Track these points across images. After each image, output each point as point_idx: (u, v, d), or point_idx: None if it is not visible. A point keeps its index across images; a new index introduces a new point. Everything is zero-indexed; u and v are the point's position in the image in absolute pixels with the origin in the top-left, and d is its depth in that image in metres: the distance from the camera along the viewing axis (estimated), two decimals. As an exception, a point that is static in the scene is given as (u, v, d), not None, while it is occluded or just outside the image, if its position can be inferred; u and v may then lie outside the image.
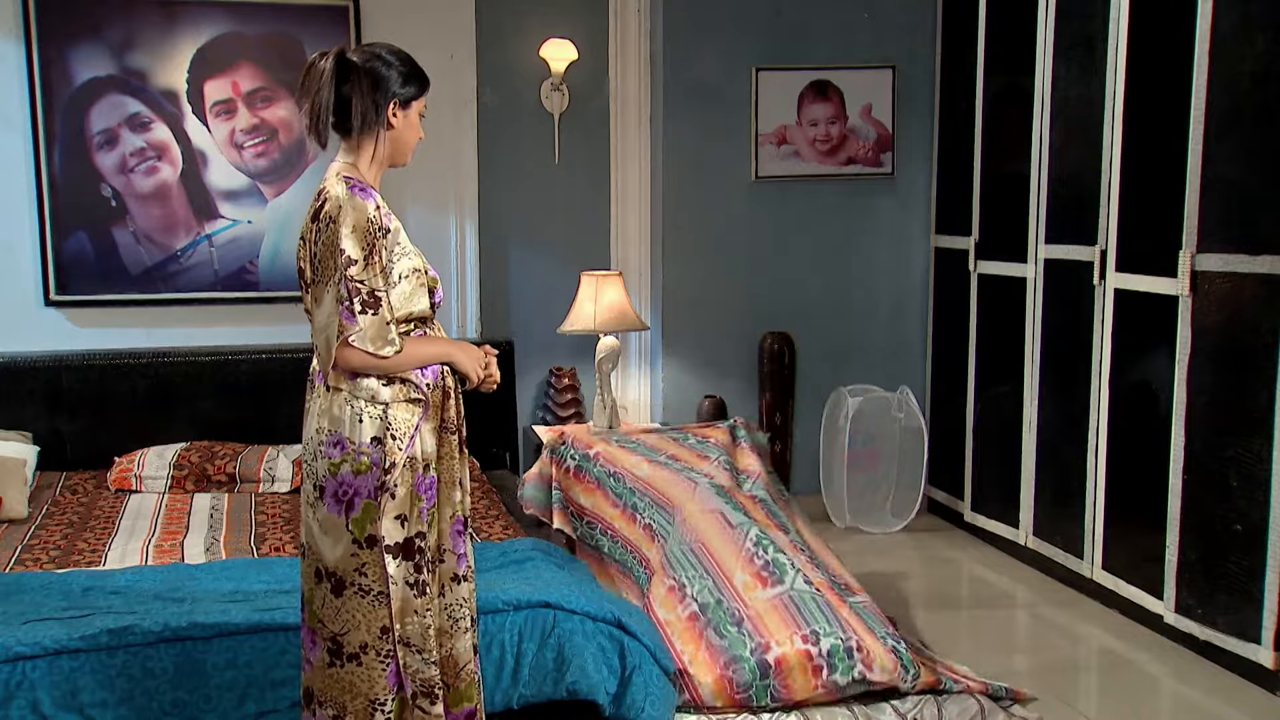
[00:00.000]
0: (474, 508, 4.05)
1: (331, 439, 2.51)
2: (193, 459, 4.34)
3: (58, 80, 4.64)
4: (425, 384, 2.58)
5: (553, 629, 3.01)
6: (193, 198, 4.82)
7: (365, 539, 2.50)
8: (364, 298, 2.45)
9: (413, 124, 2.65)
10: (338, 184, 2.50)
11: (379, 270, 2.47)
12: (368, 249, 2.46)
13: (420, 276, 2.61)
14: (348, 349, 2.46)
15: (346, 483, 2.50)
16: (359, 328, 2.44)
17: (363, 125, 2.55)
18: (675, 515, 3.80)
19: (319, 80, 2.52)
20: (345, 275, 2.44)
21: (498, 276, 5.19)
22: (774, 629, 3.36)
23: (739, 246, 5.25)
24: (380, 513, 2.50)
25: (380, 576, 2.51)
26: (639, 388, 5.35)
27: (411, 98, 2.62)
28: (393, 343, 2.48)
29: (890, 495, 5.32)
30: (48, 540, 3.73)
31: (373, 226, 2.48)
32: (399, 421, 2.52)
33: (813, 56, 5.20)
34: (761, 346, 5.24)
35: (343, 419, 2.51)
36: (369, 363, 2.48)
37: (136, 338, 4.79)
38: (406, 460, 2.52)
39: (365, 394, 2.51)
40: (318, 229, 2.49)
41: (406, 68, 2.62)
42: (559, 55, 5.05)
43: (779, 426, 5.25)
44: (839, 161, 5.27)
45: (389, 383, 2.53)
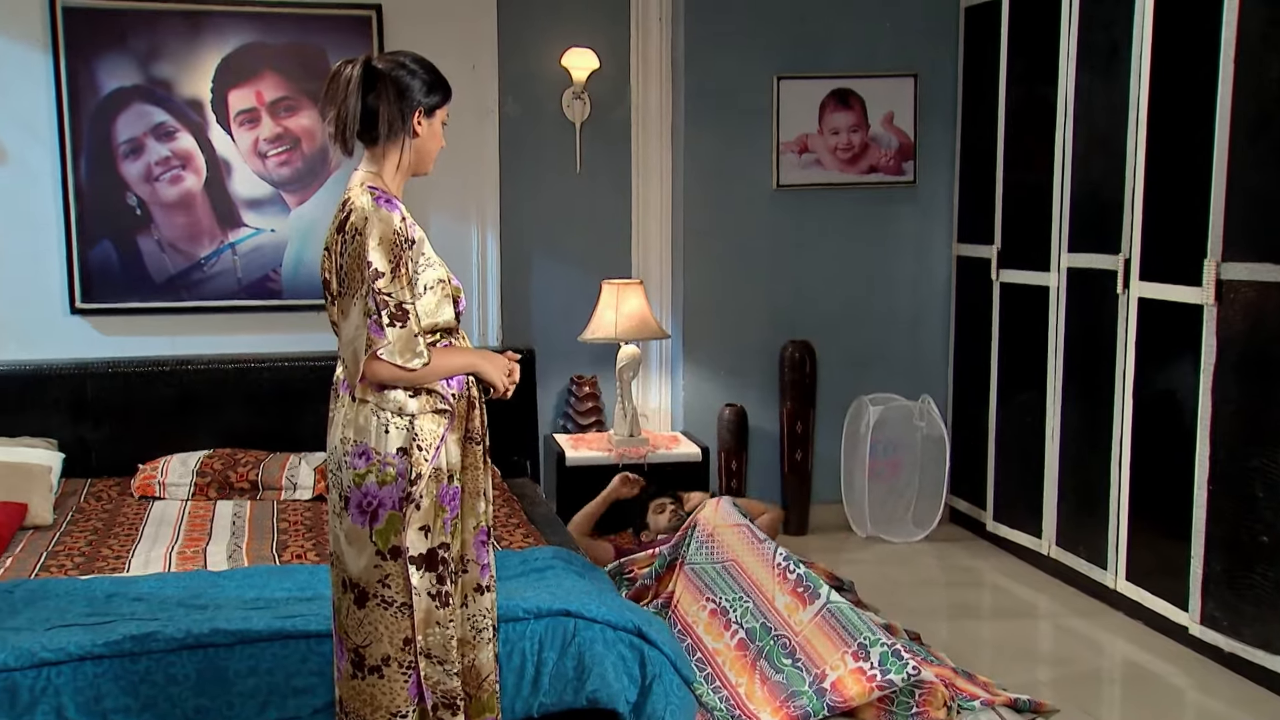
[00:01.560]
0: (495, 516, 4.03)
1: (357, 449, 2.51)
2: (215, 466, 4.36)
3: (85, 90, 4.67)
4: (451, 395, 2.58)
5: (573, 637, 3.01)
6: (216, 206, 4.84)
7: (389, 550, 2.50)
8: (392, 310, 2.45)
9: (436, 133, 2.65)
10: (362, 194, 2.50)
11: (406, 282, 2.47)
12: (394, 261, 2.46)
13: (445, 287, 2.61)
14: (376, 362, 2.46)
15: (371, 494, 2.50)
16: (387, 341, 2.44)
17: (388, 134, 2.55)
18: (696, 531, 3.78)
19: (345, 88, 2.52)
20: (373, 288, 2.43)
21: (519, 285, 5.20)
22: (825, 653, 3.37)
23: (760, 255, 5.24)
24: (405, 524, 2.50)
25: (404, 588, 2.51)
26: (660, 396, 5.34)
27: (435, 106, 2.63)
28: (420, 354, 2.48)
29: (912, 505, 5.29)
30: (72, 546, 3.75)
31: (399, 238, 2.48)
32: (425, 432, 2.52)
33: (834, 65, 5.19)
34: (783, 355, 5.23)
35: (369, 430, 2.50)
36: (397, 375, 2.48)
37: (160, 346, 4.80)
38: (431, 471, 2.52)
39: (392, 405, 2.51)
40: (343, 240, 2.49)
41: (431, 76, 2.62)
42: (580, 64, 5.06)
43: (800, 435, 5.23)
44: (861, 170, 5.26)
45: (416, 394, 2.53)
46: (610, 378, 5.04)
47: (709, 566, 3.70)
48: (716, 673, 3.50)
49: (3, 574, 3.50)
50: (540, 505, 4.39)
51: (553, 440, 4.97)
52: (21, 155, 4.65)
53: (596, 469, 4.74)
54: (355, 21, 4.89)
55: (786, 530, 5.24)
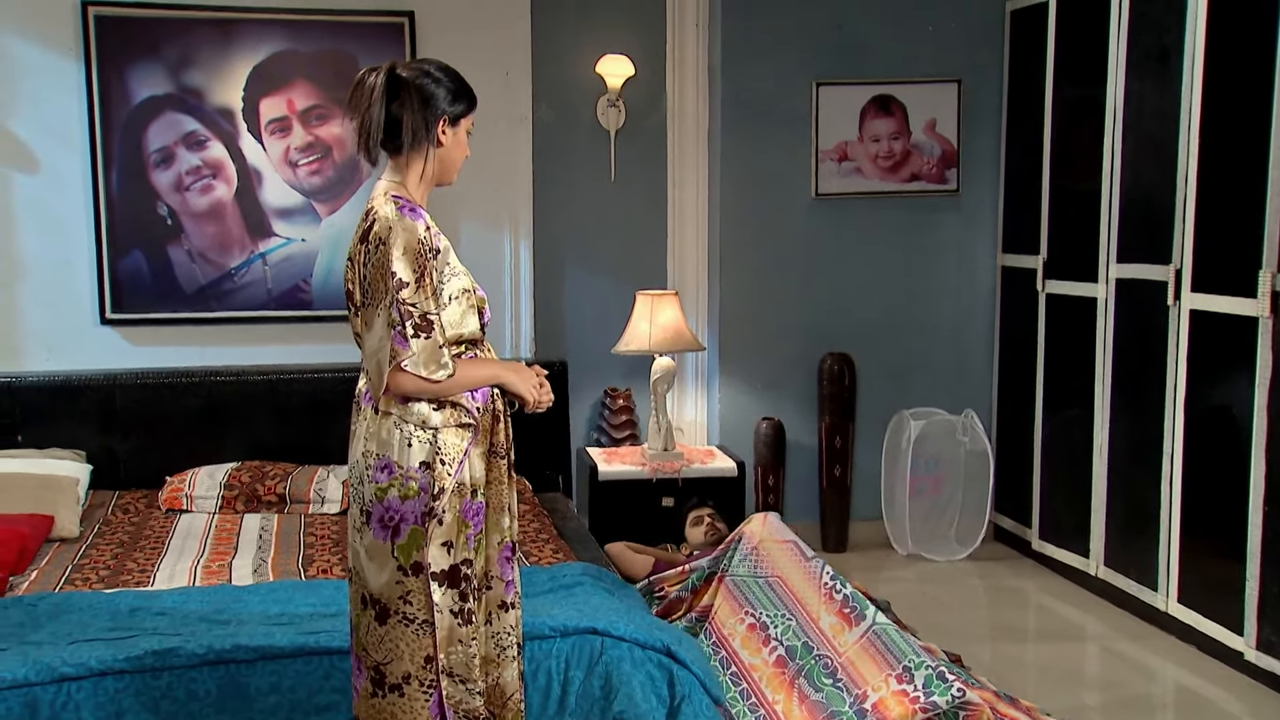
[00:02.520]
0: (524, 531, 4.04)
1: (379, 463, 2.51)
2: (243, 479, 4.37)
3: (116, 99, 4.71)
4: (475, 408, 2.57)
5: (600, 656, 2.98)
6: (247, 216, 4.87)
7: (411, 566, 2.49)
8: (416, 321, 2.44)
9: (461, 142, 2.65)
10: (386, 204, 2.50)
11: (430, 292, 2.47)
12: (419, 271, 2.46)
13: (470, 297, 2.60)
14: (400, 374, 2.45)
15: (393, 508, 2.49)
16: (412, 352, 2.44)
17: (412, 143, 2.55)
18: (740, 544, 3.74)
19: (369, 96, 2.52)
20: (397, 298, 2.43)
21: (552, 296, 5.19)
22: (869, 675, 3.34)
23: (799, 265, 5.21)
24: (427, 539, 2.49)
25: (425, 605, 2.50)
26: (695, 409, 5.32)
27: (460, 115, 2.62)
28: (445, 366, 2.47)
29: (955, 522, 5.24)
30: (98, 560, 3.77)
31: (423, 247, 2.47)
32: (448, 446, 2.51)
33: (875, 70, 5.16)
34: (821, 367, 5.19)
35: (391, 443, 2.50)
36: (422, 387, 2.48)
37: (190, 356, 4.82)
38: (455, 486, 2.51)
39: (415, 418, 2.50)
40: (366, 251, 2.49)
41: (456, 85, 2.61)
42: (615, 71, 5.05)
43: (839, 450, 5.19)
44: (902, 178, 5.21)
45: (440, 407, 2.52)
46: (645, 390, 5.02)
47: (751, 580, 3.67)
48: (752, 688, 3.46)
49: (28, 586, 3.52)
50: (571, 520, 4.38)
51: (585, 454, 4.95)
52: (53, 164, 4.70)
53: (630, 484, 4.73)
54: (387, 28, 4.91)
55: (825, 548, 5.21)
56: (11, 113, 4.64)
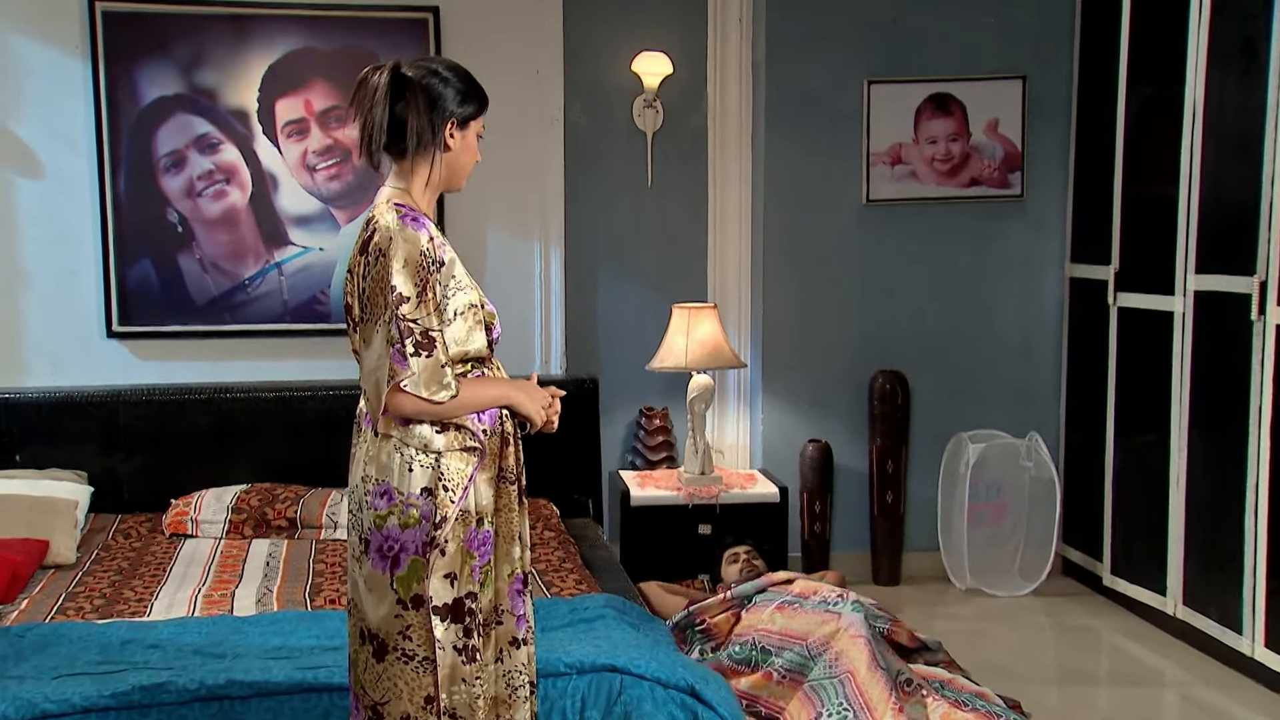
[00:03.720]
0: (548, 559, 4.00)
1: (379, 489, 2.48)
2: (252, 502, 4.33)
3: (124, 100, 4.70)
4: (482, 430, 2.53)
5: (619, 695, 2.92)
6: (262, 223, 4.83)
7: (411, 599, 2.45)
8: (417, 338, 2.41)
9: (470, 146, 2.62)
10: (388, 212, 2.48)
11: (433, 308, 2.44)
12: (420, 285, 2.42)
13: (477, 312, 2.57)
14: (399, 394, 2.42)
15: (393, 537, 2.46)
16: (411, 372, 2.41)
17: (418, 146, 2.53)
18: (821, 651, 3.71)
19: (372, 96, 2.50)
20: (396, 314, 2.40)
21: (585, 308, 5.15)
22: None
23: (848, 276, 5.15)
24: (428, 571, 2.45)
25: (426, 641, 2.45)
26: (737, 430, 5.26)
27: (469, 117, 2.60)
28: (448, 386, 2.44)
29: (1018, 554, 5.16)
30: (94, 588, 3.73)
31: (426, 260, 2.44)
32: (452, 471, 2.48)
33: (932, 67, 5.09)
34: (872, 386, 5.12)
35: (391, 467, 2.47)
36: (422, 409, 2.44)
37: (201, 371, 4.80)
38: (459, 514, 2.48)
39: (417, 442, 2.47)
40: (366, 263, 2.47)
41: (465, 84, 2.59)
42: (652, 69, 5.01)
43: (891, 475, 5.12)
44: (961, 182, 5.13)
45: (443, 430, 2.49)
46: (682, 410, 4.95)
47: (823, 675, 3.64)
48: None
49: (17, 616, 3.48)
50: (600, 548, 4.33)
51: (618, 478, 4.90)
52: (58, 169, 4.70)
53: (664, 510, 4.67)
54: (411, 24, 4.88)
55: (876, 580, 5.14)
56: (15, 114, 4.65)
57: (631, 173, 5.14)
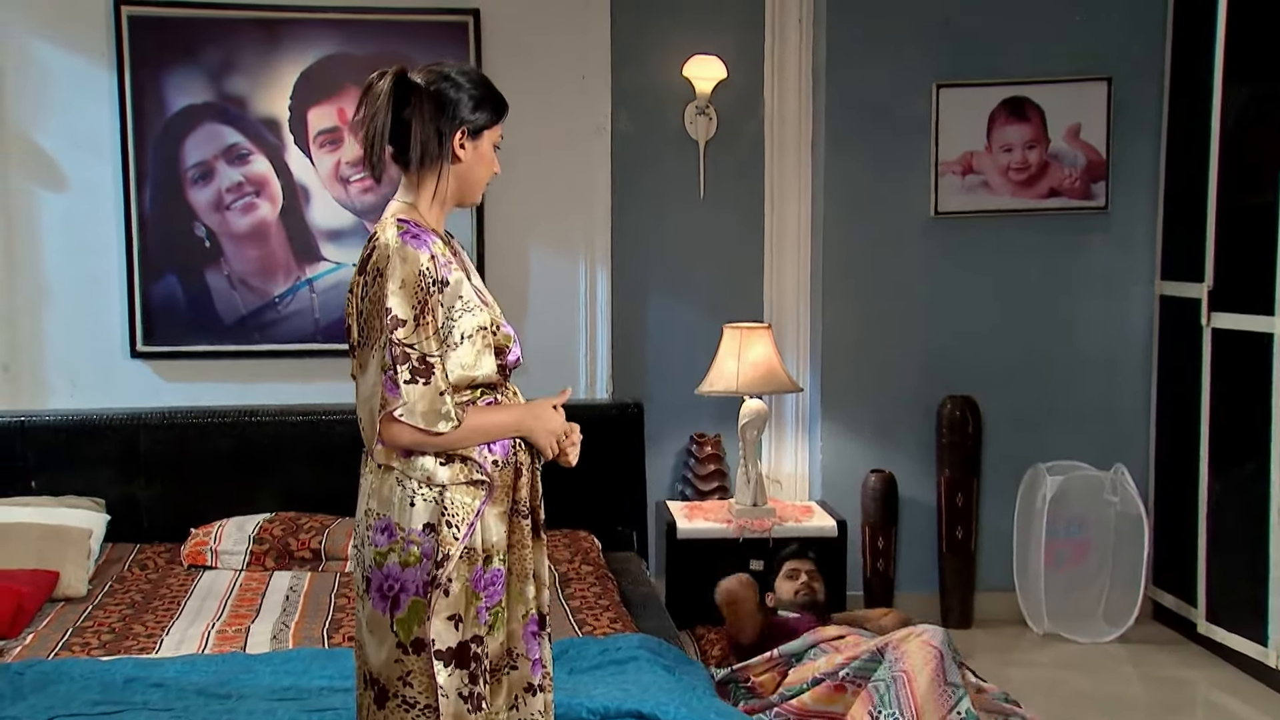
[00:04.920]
0: (583, 596, 3.97)
1: (380, 524, 2.46)
2: (275, 532, 4.32)
3: (150, 108, 4.73)
4: (492, 462, 2.50)
5: (644, 744, 2.86)
6: (293, 238, 4.84)
7: (411, 643, 2.42)
8: (413, 364, 2.38)
9: (484, 157, 2.58)
10: (389, 229, 2.45)
11: (431, 332, 2.41)
12: (418, 307, 2.40)
13: (486, 335, 2.53)
14: (394, 424, 2.40)
15: (393, 576, 2.43)
16: (404, 401, 2.38)
17: (423, 157, 2.50)
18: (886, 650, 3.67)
19: (375, 103, 2.47)
20: (390, 338, 2.38)
21: (633, 329, 5.12)
22: None
23: (915, 294, 5.09)
24: (430, 612, 2.42)
25: (428, 687, 2.41)
26: (794, 459, 5.20)
27: (483, 126, 2.56)
28: (448, 417, 2.41)
29: (1102, 597, 5.07)
30: (103, 622, 3.73)
31: (425, 280, 2.41)
32: (457, 506, 2.45)
33: (1007, 69, 5.02)
34: (940, 413, 5.04)
35: (392, 501, 2.45)
36: (420, 440, 2.41)
37: (229, 394, 4.81)
38: (464, 551, 2.44)
39: (420, 474, 2.44)
40: (364, 283, 2.45)
41: (479, 90, 2.55)
42: (705, 74, 4.96)
43: (961, 508, 5.03)
44: (1039, 193, 5.05)
45: (447, 461, 2.46)
46: (735, 437, 4.88)
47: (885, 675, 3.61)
48: None
49: (20, 652, 3.49)
50: (642, 585, 4.28)
51: (665, 509, 4.86)
52: (82, 181, 4.74)
53: (713, 544, 4.60)
54: (449, 28, 4.88)
55: (945, 623, 5.02)
56: (38, 124, 4.70)
57: (683, 184, 5.10)
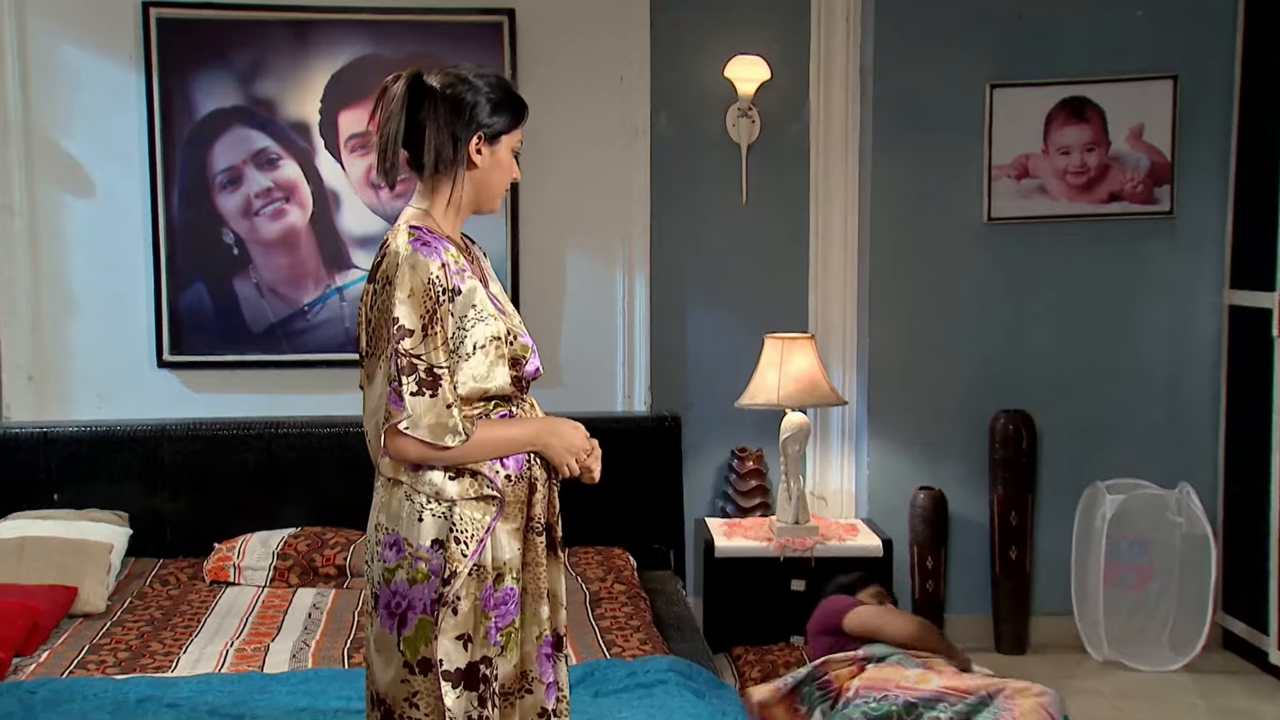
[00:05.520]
0: (614, 616, 3.94)
1: (388, 539, 2.47)
2: (300, 547, 4.32)
3: (179, 113, 4.76)
4: (505, 476, 2.50)
5: (666, 772, 2.84)
6: (323, 245, 4.85)
7: (418, 662, 2.43)
8: (420, 376, 2.39)
9: (502, 163, 2.58)
10: (400, 236, 2.46)
11: (440, 342, 2.41)
12: (427, 316, 2.40)
13: (500, 345, 2.52)
14: (400, 438, 2.40)
15: (400, 593, 2.44)
16: (407, 414, 2.38)
17: (438, 163, 2.50)
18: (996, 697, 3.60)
19: (389, 107, 2.49)
20: (397, 349, 2.38)
21: (672, 339, 5.10)
22: None
23: (966, 304, 5.05)
24: (437, 631, 2.42)
25: (435, 709, 2.42)
26: (840, 475, 5.16)
27: (501, 131, 2.56)
28: (456, 430, 2.41)
29: (1169, 623, 5.00)
30: (121, 639, 3.75)
31: (434, 289, 2.42)
32: (466, 522, 2.45)
33: (1065, 68, 4.96)
34: (993, 427, 4.98)
35: (401, 516, 2.46)
36: (427, 454, 2.42)
37: (257, 405, 4.83)
38: (474, 569, 2.45)
39: (428, 489, 2.45)
40: (374, 291, 2.47)
41: (497, 94, 2.55)
42: (748, 75, 4.93)
43: (1015, 528, 4.97)
44: (1099, 198, 4.98)
45: (457, 476, 2.46)
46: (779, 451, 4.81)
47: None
48: None
49: (34, 669, 3.51)
50: (677, 605, 4.25)
51: (703, 526, 4.83)
52: (109, 187, 4.78)
53: (753, 562, 4.57)
54: (483, 29, 4.87)
55: (999, 648, 4.99)
56: (65, 129, 4.74)
57: (724, 189, 5.07)
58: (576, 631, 3.72)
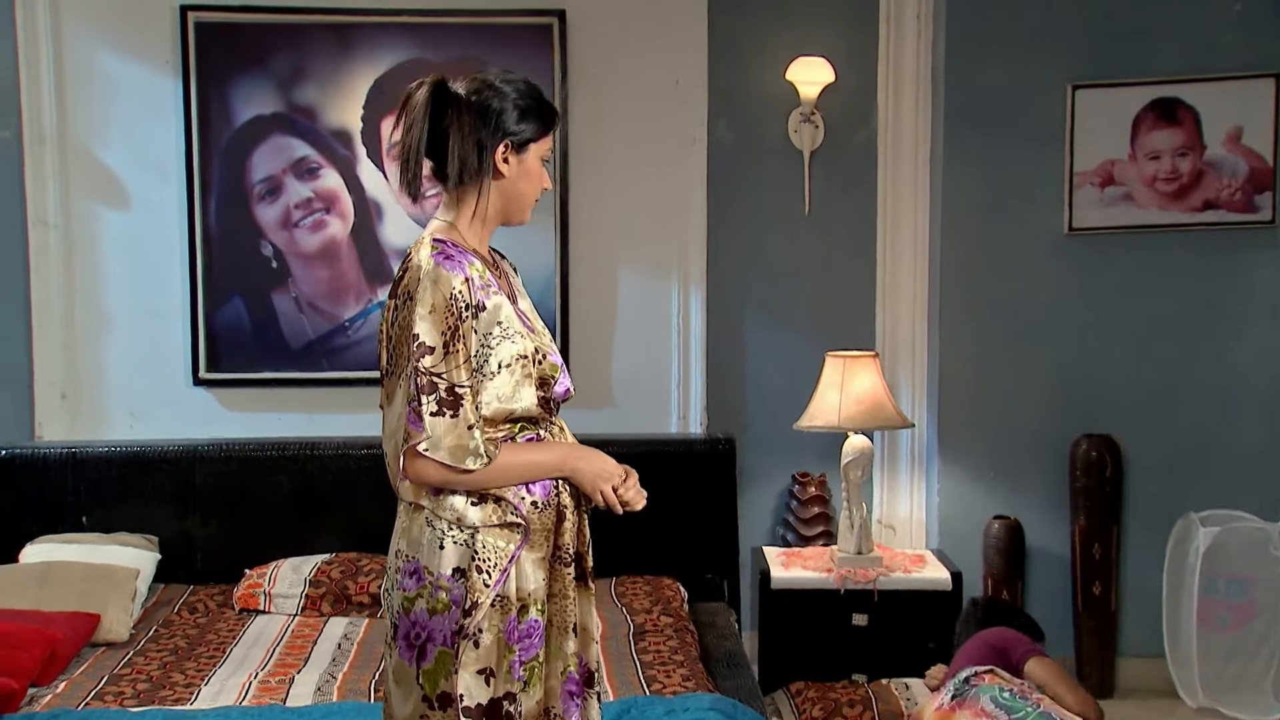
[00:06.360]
0: (657, 650, 3.89)
1: (408, 567, 2.47)
2: (333, 574, 4.31)
3: (217, 120, 4.79)
4: (530, 503, 2.48)
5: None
6: (364, 257, 4.85)
7: (437, 697, 2.42)
8: (440, 395, 2.38)
9: (530, 172, 2.57)
10: (423, 249, 2.46)
11: (462, 360, 2.40)
12: (449, 333, 2.39)
13: (527, 365, 2.51)
14: (419, 460, 2.40)
15: (420, 623, 2.43)
16: (427, 435, 2.38)
17: (462, 172, 2.51)
18: None
19: (412, 114, 2.49)
20: (417, 367, 2.38)
21: (730, 357, 5.07)
22: None
23: (1045, 320, 4.96)
24: (457, 664, 2.40)
25: None
26: (909, 502, 5.07)
27: (529, 139, 2.55)
28: (478, 453, 2.40)
29: (1271, 667, 4.84)
30: (142, 669, 3.74)
31: (457, 304, 2.41)
32: (489, 550, 2.44)
33: (1155, 66, 4.86)
34: (1074, 453, 4.88)
35: (421, 542, 2.46)
36: (448, 478, 2.42)
37: (294, 425, 4.85)
38: (496, 600, 2.43)
39: (450, 514, 2.44)
40: (395, 307, 2.46)
41: (526, 100, 2.54)
42: (811, 78, 4.89)
43: (1099, 562, 4.85)
44: (1192, 206, 4.87)
45: (479, 502, 2.45)
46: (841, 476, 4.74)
47: None
48: None
49: (50, 700, 3.51)
50: (728, 639, 4.19)
51: (760, 555, 4.76)
52: (145, 198, 4.82)
53: (811, 595, 4.49)
54: (533, 30, 4.87)
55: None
56: (101, 138, 4.79)
57: (786, 199, 5.03)
58: (616, 666, 3.67)
